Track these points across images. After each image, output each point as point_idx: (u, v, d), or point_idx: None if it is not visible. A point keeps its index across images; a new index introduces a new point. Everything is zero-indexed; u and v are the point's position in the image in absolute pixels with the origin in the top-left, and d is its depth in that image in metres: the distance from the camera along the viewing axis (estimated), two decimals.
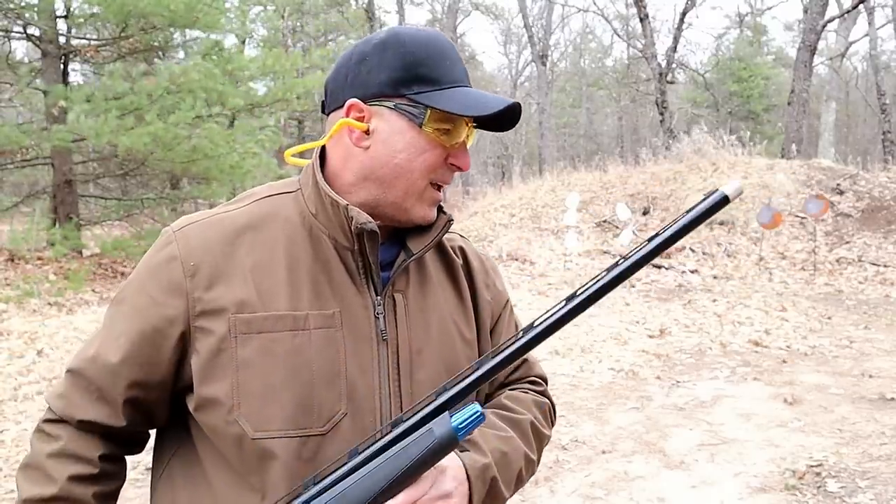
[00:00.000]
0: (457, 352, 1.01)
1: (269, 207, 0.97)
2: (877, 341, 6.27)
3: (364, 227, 0.91)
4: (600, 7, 37.78)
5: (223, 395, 0.88)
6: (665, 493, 3.46)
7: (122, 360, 0.92)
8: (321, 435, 0.89)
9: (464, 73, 0.97)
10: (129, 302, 0.94)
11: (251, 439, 0.88)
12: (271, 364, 0.89)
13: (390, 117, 0.93)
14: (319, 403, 0.89)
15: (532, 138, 31.76)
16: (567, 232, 10.90)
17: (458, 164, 0.97)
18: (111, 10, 9.19)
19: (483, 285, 1.09)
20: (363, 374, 0.92)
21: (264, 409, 0.88)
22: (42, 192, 11.72)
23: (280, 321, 0.90)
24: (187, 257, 0.91)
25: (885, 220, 11.04)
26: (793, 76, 17.59)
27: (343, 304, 0.93)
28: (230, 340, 0.89)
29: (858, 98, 29.76)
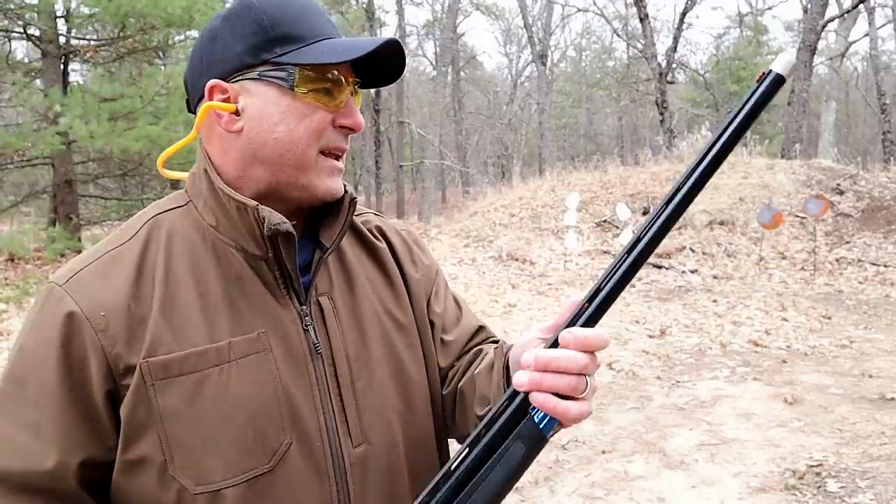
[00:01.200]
0: (394, 343, 0.93)
1: (161, 230, 0.85)
2: (877, 341, 6.27)
3: (278, 229, 0.80)
4: (600, 7, 37.80)
5: (151, 453, 0.77)
6: (665, 493, 3.46)
7: (60, 454, 0.76)
8: (269, 471, 0.80)
9: (331, 26, 0.86)
10: (34, 382, 0.77)
11: (193, 495, 0.77)
12: (201, 408, 0.78)
13: (258, 89, 0.82)
14: (262, 439, 0.80)
15: (532, 138, 31.77)
16: (567, 232, 10.90)
17: (348, 123, 0.85)
18: (109, 10, 9.18)
19: (409, 263, 1.01)
20: (303, 395, 0.83)
21: (203, 460, 0.78)
22: (42, 192, 11.72)
23: (202, 358, 0.79)
24: (92, 309, 0.78)
25: (885, 220, 11.04)
26: (793, 76, 17.58)
27: (267, 323, 0.83)
28: (147, 390, 0.77)
29: (858, 98, 29.77)
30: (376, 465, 0.87)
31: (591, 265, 10.61)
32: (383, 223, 1.03)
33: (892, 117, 19.25)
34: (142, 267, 0.82)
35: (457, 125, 31.16)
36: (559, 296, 8.78)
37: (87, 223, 11.58)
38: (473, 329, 1.06)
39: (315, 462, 0.83)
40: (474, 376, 0.95)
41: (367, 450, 0.87)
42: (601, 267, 10.42)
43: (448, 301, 1.05)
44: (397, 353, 0.93)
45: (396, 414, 0.91)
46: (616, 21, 27.96)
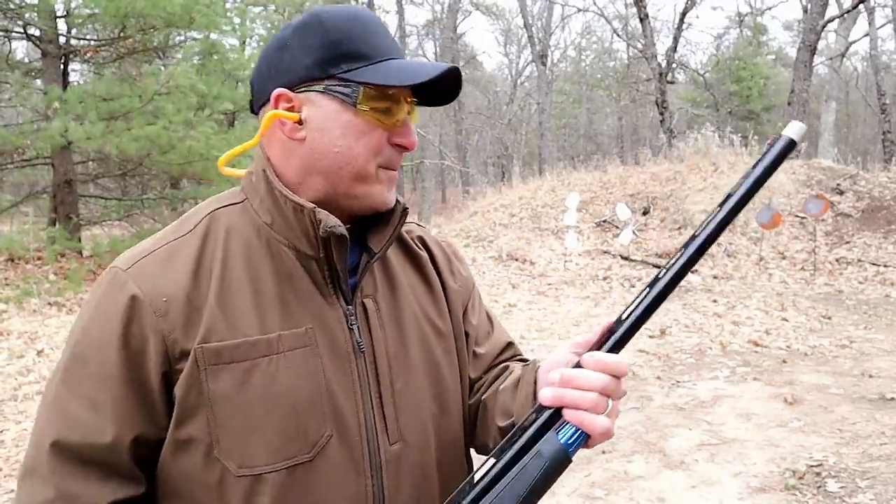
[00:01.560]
0: (433, 349, 0.97)
1: (219, 225, 0.89)
2: (877, 341, 6.27)
3: (333, 232, 0.84)
4: (600, 7, 37.81)
5: (199, 434, 0.82)
6: (665, 493, 3.46)
7: (117, 431, 0.81)
8: (309, 461, 0.84)
9: (394, 47, 0.89)
10: (96, 361, 0.82)
11: (235, 477, 0.81)
12: (249, 395, 0.82)
13: (322, 102, 0.86)
14: (304, 429, 0.84)
15: (532, 138, 31.77)
16: (567, 232, 10.90)
17: (403, 143, 0.89)
18: (109, 10, 9.18)
19: (448, 274, 1.05)
20: (344, 391, 0.87)
21: (247, 445, 0.82)
22: (42, 192, 11.72)
23: (252, 348, 0.83)
24: (154, 295, 0.82)
25: (885, 220, 11.03)
26: (793, 76, 17.59)
27: (315, 320, 0.87)
28: (200, 374, 0.81)
29: (858, 98, 29.77)
30: (410, 463, 0.91)
31: (591, 265, 10.61)
32: (425, 234, 1.07)
33: (892, 117, 19.25)
34: (200, 259, 0.86)
35: (457, 125, 31.15)
36: (559, 296, 8.78)
37: (87, 223, 11.57)
38: (503, 344, 1.10)
39: (353, 456, 0.86)
40: (499, 391, 1.00)
41: (403, 448, 0.90)
42: (601, 267, 10.43)
43: (482, 315, 1.09)
44: (435, 358, 0.97)
45: (431, 416, 0.94)
46: (616, 21, 27.97)
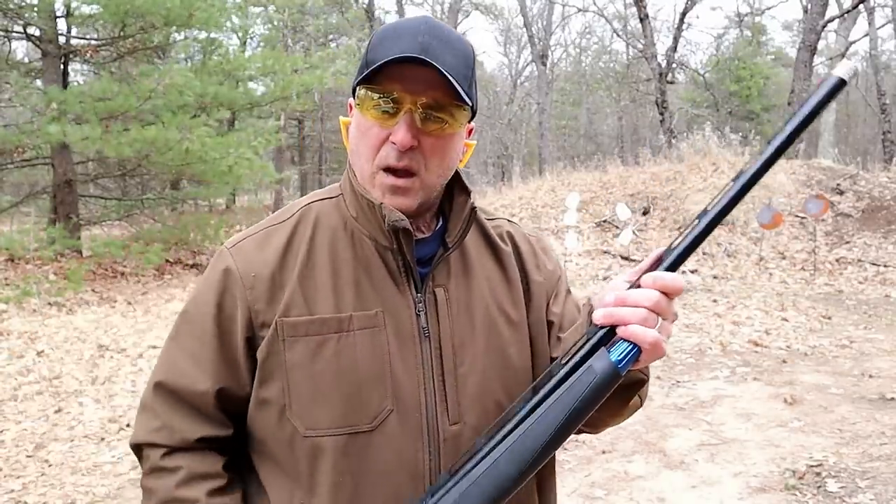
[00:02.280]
0: (503, 337, 1.01)
1: (312, 216, 1.01)
2: (877, 341, 6.27)
3: (397, 225, 0.92)
4: (600, 7, 37.81)
5: (275, 396, 0.93)
6: (665, 493, 3.46)
7: (208, 381, 0.95)
8: (369, 431, 0.92)
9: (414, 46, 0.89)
10: (198, 321, 0.97)
11: (302, 437, 0.92)
12: (319, 366, 0.92)
13: (355, 108, 0.96)
14: (367, 401, 0.92)
15: (532, 138, 31.75)
16: (567, 232, 10.90)
17: (393, 139, 0.92)
18: (109, 10, 9.18)
19: (534, 267, 1.09)
20: (407, 372, 0.94)
21: (314, 409, 0.92)
22: (42, 192, 11.72)
23: (325, 324, 0.93)
24: (246, 270, 0.95)
25: (885, 220, 11.03)
26: (793, 76, 17.59)
27: (385, 304, 0.95)
28: (279, 344, 0.92)
29: (858, 98, 29.75)
30: (468, 443, 0.92)
31: (591, 265, 10.61)
32: (514, 229, 1.13)
33: (892, 117, 19.25)
34: (289, 244, 0.98)
35: None
36: None
37: (87, 223, 11.58)
38: None
39: (411, 431, 0.93)
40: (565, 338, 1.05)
41: (462, 428, 0.95)
42: (601, 267, 10.43)
43: (568, 304, 1.11)
44: (504, 346, 1.01)
45: (494, 403, 0.98)
46: (616, 21, 27.96)
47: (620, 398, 0.93)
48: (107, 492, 3.50)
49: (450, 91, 0.90)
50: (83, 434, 4.20)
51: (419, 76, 0.89)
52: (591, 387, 0.76)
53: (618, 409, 0.96)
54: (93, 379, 5.22)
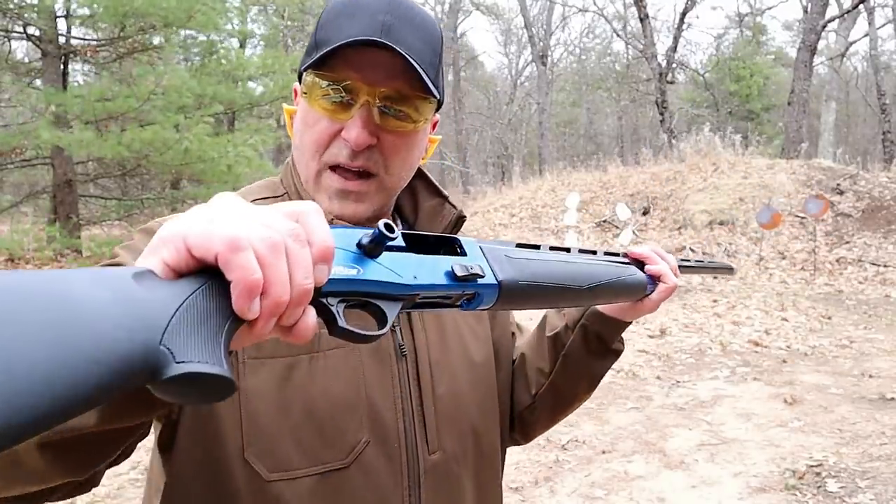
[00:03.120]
0: (472, 353, 0.94)
1: None
2: (877, 341, 6.26)
3: None
4: (600, 7, 37.79)
5: (220, 436, 0.76)
6: (665, 493, 3.46)
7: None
8: (343, 468, 0.79)
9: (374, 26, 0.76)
10: None
11: (266, 482, 0.76)
12: (288, 393, 0.77)
13: (301, 95, 0.82)
14: (341, 433, 0.79)
15: (532, 138, 31.75)
16: (567, 232, 10.90)
17: (346, 136, 0.79)
18: (108, 10, 9.19)
19: None
20: (384, 396, 0.82)
21: (281, 447, 0.77)
22: (42, 192, 11.72)
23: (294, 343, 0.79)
24: None
25: (885, 220, 11.03)
26: (793, 76, 17.59)
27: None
28: (237, 367, 0.77)
29: (858, 98, 29.75)
30: (447, 473, 0.86)
31: None
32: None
33: (892, 117, 19.25)
34: None
35: (457, 125, 31.15)
36: None
37: (87, 223, 11.57)
38: None
39: (391, 464, 0.81)
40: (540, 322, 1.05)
41: (441, 457, 0.85)
42: None
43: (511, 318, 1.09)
44: (475, 362, 0.94)
45: (470, 426, 0.90)
46: (616, 21, 27.96)
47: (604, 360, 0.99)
48: (107, 492, 3.50)
49: (414, 80, 0.77)
50: None
51: (379, 62, 0.76)
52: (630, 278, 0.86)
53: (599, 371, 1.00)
54: None
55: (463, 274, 0.61)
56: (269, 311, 0.44)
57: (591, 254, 0.84)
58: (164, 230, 0.45)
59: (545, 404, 1.03)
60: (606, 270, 0.81)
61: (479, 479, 0.91)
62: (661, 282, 0.92)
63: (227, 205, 0.46)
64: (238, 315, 0.43)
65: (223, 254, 0.42)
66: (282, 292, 0.44)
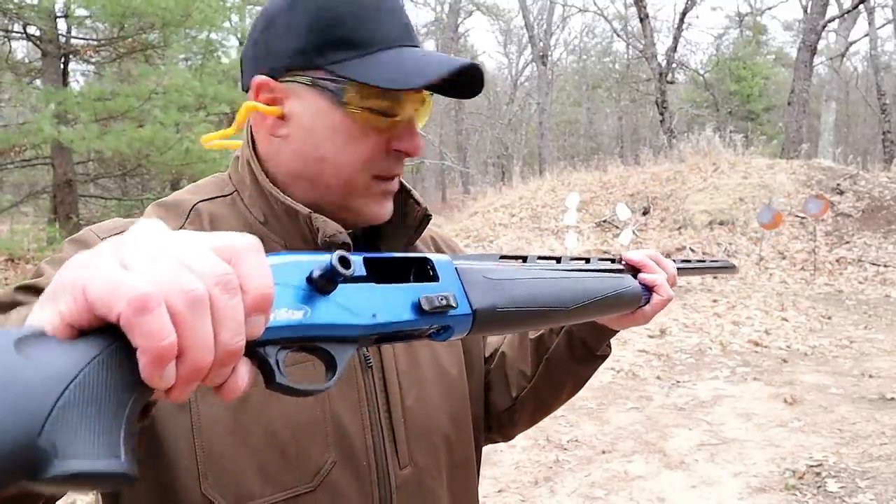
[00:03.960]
0: (442, 358, 0.89)
1: (205, 220, 0.77)
2: (877, 341, 6.26)
3: (336, 240, 0.73)
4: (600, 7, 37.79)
5: (184, 463, 0.70)
6: (665, 493, 3.46)
7: None
8: (310, 492, 0.74)
9: (403, 29, 0.74)
10: None
11: None
12: (245, 417, 0.71)
13: (307, 96, 0.72)
14: (305, 455, 0.74)
15: (532, 138, 31.76)
16: (567, 232, 10.90)
17: (404, 148, 0.75)
18: (107, 10, 9.19)
19: None
20: (350, 412, 0.77)
21: (241, 475, 0.71)
22: (42, 192, 11.72)
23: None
24: None
25: (885, 220, 11.03)
26: (793, 76, 17.60)
27: None
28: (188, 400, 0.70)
29: (858, 98, 29.77)
30: (420, 487, 0.83)
31: None
32: (436, 233, 0.98)
33: (892, 117, 19.25)
34: None
35: (457, 125, 31.16)
36: None
37: (87, 223, 11.56)
38: None
39: (360, 483, 0.77)
40: None
41: (413, 472, 0.82)
42: None
43: None
44: (445, 368, 0.89)
45: (443, 436, 0.86)
46: (616, 21, 27.98)
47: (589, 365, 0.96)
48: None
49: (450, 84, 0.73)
50: None
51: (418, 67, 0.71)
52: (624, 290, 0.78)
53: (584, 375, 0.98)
54: None
55: (431, 307, 0.54)
56: (187, 378, 0.38)
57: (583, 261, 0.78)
58: (65, 274, 0.38)
59: (526, 407, 0.99)
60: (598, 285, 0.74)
61: (453, 488, 0.88)
62: (656, 293, 0.86)
63: (146, 241, 0.39)
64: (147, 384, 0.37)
65: (126, 314, 0.35)
66: (202, 356, 0.38)
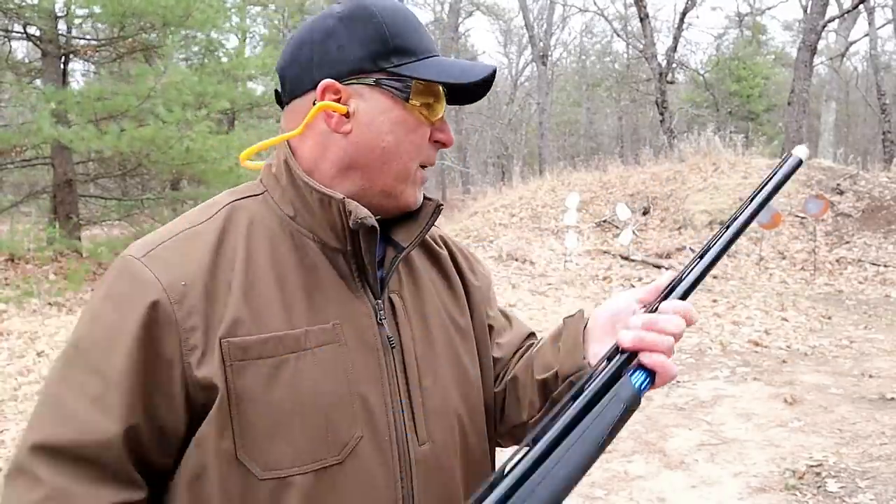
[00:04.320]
0: (456, 346, 0.95)
1: (240, 215, 0.86)
2: (877, 341, 6.27)
3: (364, 223, 0.81)
4: (600, 7, 37.81)
5: (217, 435, 0.77)
6: (665, 493, 3.46)
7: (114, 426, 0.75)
8: (338, 464, 0.80)
9: (432, 42, 0.90)
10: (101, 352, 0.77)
11: (259, 480, 0.78)
12: (276, 394, 0.78)
13: (371, 96, 0.85)
14: (335, 430, 0.80)
15: (532, 138, 31.76)
16: (567, 232, 10.90)
17: (443, 139, 0.90)
18: (107, 9, 9.19)
19: (469, 271, 1.05)
20: (374, 390, 0.83)
21: (272, 446, 0.78)
22: (42, 192, 11.72)
23: (281, 343, 0.79)
24: (170, 282, 0.78)
25: (885, 220, 11.03)
26: (793, 76, 17.59)
27: (342, 314, 0.84)
28: (224, 371, 0.77)
29: (858, 98, 29.75)
30: (437, 464, 0.88)
31: (591, 265, 10.60)
32: (443, 233, 1.07)
33: (892, 117, 19.25)
34: (220, 248, 0.82)
35: (457, 125, 31.14)
36: (559, 296, 8.78)
37: (87, 223, 11.56)
38: (525, 334, 1.10)
39: (383, 458, 0.83)
40: (534, 354, 0.99)
41: (431, 448, 0.88)
42: (601, 267, 10.43)
43: (497, 311, 1.10)
44: (459, 355, 0.95)
45: (457, 417, 0.92)
46: (616, 21, 27.97)
47: None
48: None
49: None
50: None
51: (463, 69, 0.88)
52: (619, 417, 0.74)
53: None
54: None
55: None
56: None
57: (576, 397, 0.74)
58: None
59: None
60: (601, 425, 0.73)
61: (468, 467, 0.93)
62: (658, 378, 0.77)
63: None
64: None
65: None
66: None
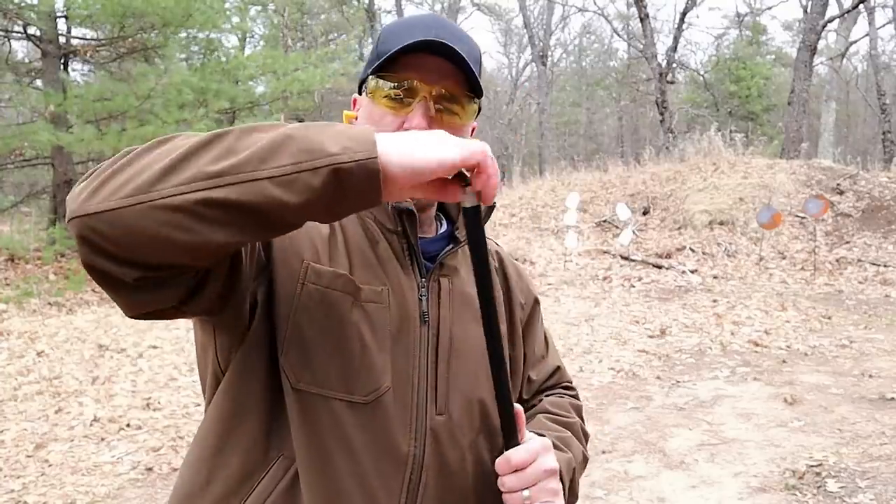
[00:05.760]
0: None
1: None
2: (877, 341, 6.27)
3: (400, 206, 0.94)
4: (600, 7, 37.79)
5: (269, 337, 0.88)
6: (665, 493, 3.46)
7: None
8: (363, 404, 0.89)
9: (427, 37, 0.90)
10: None
11: (292, 388, 0.87)
12: (328, 322, 0.89)
13: (362, 100, 0.97)
14: (367, 371, 0.89)
15: (532, 138, 31.75)
16: (567, 232, 10.89)
17: (408, 125, 0.92)
18: (107, 9, 9.18)
19: (517, 289, 1.13)
20: (405, 353, 0.93)
21: (311, 363, 0.88)
22: (42, 192, 11.72)
23: (347, 284, 0.91)
24: None
25: (885, 220, 11.03)
26: (793, 76, 17.59)
27: (391, 283, 0.94)
28: (297, 285, 0.89)
29: (858, 98, 29.74)
30: (451, 438, 0.94)
31: (591, 265, 10.60)
32: (500, 250, 1.17)
33: (892, 117, 19.24)
34: None
35: None
36: (559, 296, 8.78)
37: None
38: (552, 370, 1.19)
39: (403, 414, 0.91)
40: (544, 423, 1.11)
41: (446, 421, 0.94)
42: (601, 267, 10.43)
43: (539, 335, 1.17)
44: None
45: (479, 402, 0.98)
46: (616, 21, 27.97)
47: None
48: (107, 492, 3.50)
49: (463, 82, 0.92)
50: (83, 434, 4.20)
51: (433, 66, 0.91)
52: None
53: None
54: (93, 379, 5.22)
55: None
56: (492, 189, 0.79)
57: None
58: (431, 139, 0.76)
59: None
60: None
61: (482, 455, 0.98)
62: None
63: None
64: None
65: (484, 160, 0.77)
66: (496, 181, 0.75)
